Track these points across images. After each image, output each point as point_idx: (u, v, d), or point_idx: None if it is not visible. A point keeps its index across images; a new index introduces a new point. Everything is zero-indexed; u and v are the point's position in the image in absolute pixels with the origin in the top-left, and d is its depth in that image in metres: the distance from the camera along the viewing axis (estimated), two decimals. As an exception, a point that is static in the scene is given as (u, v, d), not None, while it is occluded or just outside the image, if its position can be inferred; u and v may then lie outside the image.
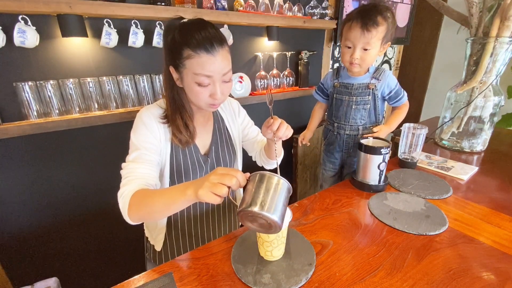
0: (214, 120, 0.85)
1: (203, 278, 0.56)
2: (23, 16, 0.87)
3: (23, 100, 0.94)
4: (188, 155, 0.77)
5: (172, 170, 0.76)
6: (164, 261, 0.86)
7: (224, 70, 0.67)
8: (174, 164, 0.75)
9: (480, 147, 1.19)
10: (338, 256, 0.61)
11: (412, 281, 0.54)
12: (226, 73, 0.68)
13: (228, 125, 0.87)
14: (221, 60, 0.65)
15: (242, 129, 0.92)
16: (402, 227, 0.69)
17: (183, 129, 0.73)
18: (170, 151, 0.75)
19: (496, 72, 1.07)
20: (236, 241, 0.65)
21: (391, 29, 0.94)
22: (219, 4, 1.21)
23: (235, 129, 0.89)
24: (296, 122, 1.84)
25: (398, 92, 1.04)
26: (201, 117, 0.81)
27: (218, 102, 0.70)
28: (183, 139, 0.73)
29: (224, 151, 0.84)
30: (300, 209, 0.79)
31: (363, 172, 0.88)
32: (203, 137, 0.82)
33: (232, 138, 0.87)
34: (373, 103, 1.05)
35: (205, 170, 0.80)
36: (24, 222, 1.06)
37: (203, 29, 0.63)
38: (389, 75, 1.04)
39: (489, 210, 0.77)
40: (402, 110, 1.07)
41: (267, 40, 1.49)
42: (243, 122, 0.92)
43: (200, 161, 0.79)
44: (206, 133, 0.82)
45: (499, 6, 0.99)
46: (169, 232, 0.84)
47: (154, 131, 0.71)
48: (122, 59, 1.11)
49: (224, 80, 0.68)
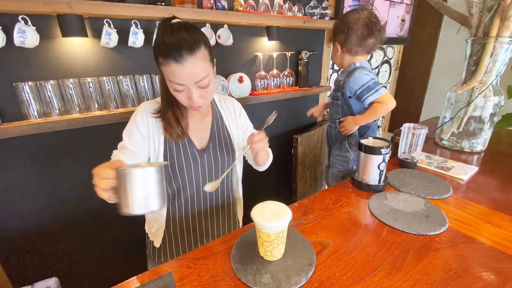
0: (213, 117, 0.85)
1: (203, 278, 0.56)
2: (23, 16, 0.87)
3: (23, 100, 0.94)
4: (182, 149, 0.79)
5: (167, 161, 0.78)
6: (163, 258, 0.86)
7: (195, 78, 0.65)
8: (168, 157, 0.78)
9: (480, 147, 1.19)
10: (338, 256, 0.61)
11: (412, 281, 0.54)
12: (199, 80, 0.65)
13: (228, 124, 0.87)
14: (191, 69, 0.63)
15: (243, 131, 0.92)
16: (402, 227, 0.69)
17: (174, 124, 0.75)
18: (164, 145, 0.77)
19: (496, 72, 1.07)
20: (236, 241, 0.65)
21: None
22: (219, 4, 1.21)
23: (235, 129, 0.89)
24: (296, 122, 1.84)
25: (363, 92, 1.03)
26: (197, 113, 0.82)
27: (197, 105, 0.70)
28: (174, 133, 0.75)
29: (222, 149, 0.85)
30: (300, 209, 0.79)
31: (363, 172, 0.88)
32: (199, 132, 0.82)
33: (231, 137, 0.88)
34: (343, 99, 1.13)
35: (201, 165, 0.82)
36: (24, 222, 1.06)
37: (174, 35, 0.62)
38: (355, 76, 1.05)
39: (489, 210, 0.77)
40: (372, 107, 1.05)
41: (267, 40, 1.49)
42: (243, 125, 0.93)
43: (195, 156, 0.80)
44: (203, 129, 0.83)
45: (499, 6, 0.99)
46: (168, 228, 0.85)
47: (142, 125, 0.76)
48: (122, 59, 1.11)
49: (200, 86, 0.67)
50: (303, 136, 1.67)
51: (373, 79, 1.03)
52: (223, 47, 1.33)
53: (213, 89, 0.72)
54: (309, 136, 1.73)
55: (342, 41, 1.08)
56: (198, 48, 0.63)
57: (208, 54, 0.67)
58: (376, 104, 1.03)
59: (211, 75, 0.69)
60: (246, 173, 1.66)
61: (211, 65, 0.69)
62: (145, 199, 0.50)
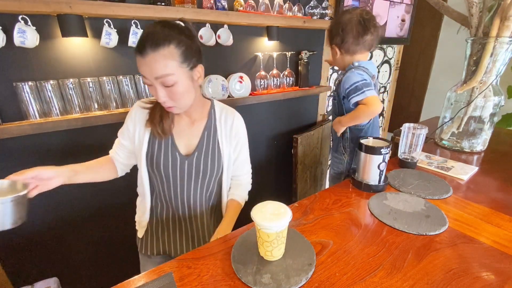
0: (206, 126, 0.83)
1: (203, 278, 0.56)
2: (23, 16, 0.87)
3: (23, 100, 0.94)
4: (163, 150, 0.79)
5: (147, 158, 0.80)
6: (143, 249, 0.89)
7: (155, 74, 0.63)
8: (149, 152, 0.80)
9: (480, 147, 1.19)
10: (338, 256, 0.61)
11: (412, 281, 0.54)
12: (160, 77, 0.64)
13: (221, 139, 0.83)
14: (151, 63, 0.62)
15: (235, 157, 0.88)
16: (402, 227, 0.69)
17: (156, 121, 0.77)
18: (148, 140, 0.80)
19: (496, 72, 1.07)
20: (236, 241, 0.65)
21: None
22: (219, 4, 1.21)
23: (227, 146, 0.84)
24: (296, 122, 1.84)
25: (351, 92, 1.01)
26: (186, 117, 0.82)
27: (166, 105, 0.70)
28: (154, 130, 0.77)
29: (207, 160, 0.81)
30: (300, 209, 0.79)
31: (363, 172, 0.88)
32: (187, 137, 0.81)
33: (221, 152, 0.83)
34: (338, 98, 1.12)
35: (181, 171, 0.80)
36: (24, 222, 1.06)
37: (148, 29, 0.64)
38: (347, 75, 1.03)
39: (489, 210, 0.77)
40: (356, 109, 1.02)
41: (267, 40, 1.49)
42: (236, 148, 0.87)
43: (176, 159, 0.79)
44: (191, 135, 0.81)
45: (499, 6, 0.99)
46: (151, 222, 0.88)
47: (131, 118, 0.80)
48: (122, 59, 1.11)
49: (164, 84, 0.65)
50: (303, 136, 1.67)
51: (364, 80, 0.99)
52: (223, 47, 1.33)
53: (184, 93, 0.69)
54: (309, 136, 1.73)
55: (339, 43, 1.07)
56: (164, 45, 0.62)
57: (178, 55, 0.64)
58: (360, 105, 0.99)
59: (179, 77, 0.66)
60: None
61: (182, 66, 0.66)
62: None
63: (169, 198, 0.84)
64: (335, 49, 1.10)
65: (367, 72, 1.03)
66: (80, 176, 0.75)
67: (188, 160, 0.80)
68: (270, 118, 1.68)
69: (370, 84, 0.99)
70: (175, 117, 0.81)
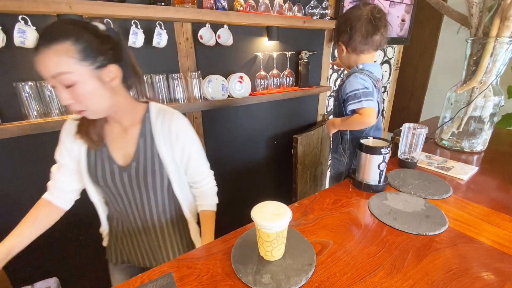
0: (140, 133, 0.74)
1: (203, 278, 0.56)
2: (23, 16, 0.87)
3: (23, 100, 0.94)
4: (101, 161, 0.74)
5: (89, 172, 0.75)
6: (109, 257, 0.90)
7: (48, 71, 0.58)
8: (89, 166, 0.75)
9: (480, 147, 1.19)
10: (338, 256, 0.61)
11: (412, 281, 0.54)
12: (55, 75, 0.58)
13: (159, 146, 0.74)
14: (43, 59, 0.58)
15: (186, 161, 0.80)
16: (402, 227, 0.69)
17: (83, 131, 0.72)
18: (86, 151, 0.75)
19: (496, 72, 1.07)
20: (236, 241, 0.65)
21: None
22: (219, 4, 1.21)
23: (169, 154, 0.75)
24: (296, 122, 1.84)
25: (349, 98, 0.98)
26: (116, 124, 0.75)
27: (74, 108, 0.64)
28: (84, 141, 0.73)
29: (148, 171, 0.74)
30: (300, 209, 0.79)
31: (363, 172, 0.88)
32: (122, 147, 0.75)
33: (161, 161, 0.75)
34: (338, 99, 1.10)
35: (125, 184, 0.75)
36: (24, 222, 1.06)
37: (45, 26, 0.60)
38: (350, 79, 1.00)
39: (489, 210, 0.77)
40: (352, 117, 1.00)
41: (267, 40, 1.49)
42: (185, 153, 0.78)
43: (113, 171, 0.74)
44: (126, 144, 0.75)
45: (499, 6, 0.99)
46: (110, 232, 0.87)
47: (68, 133, 0.75)
48: (122, 59, 1.11)
49: (62, 84, 0.60)
50: (303, 136, 1.67)
51: (365, 88, 0.95)
52: (223, 47, 1.33)
53: (91, 95, 0.63)
54: (309, 136, 1.73)
55: (346, 40, 1.02)
56: (58, 41, 0.57)
57: (76, 52, 0.58)
58: (356, 114, 0.98)
59: (80, 76, 0.60)
60: (246, 172, 1.65)
61: (83, 65, 0.60)
62: None
63: (121, 211, 0.80)
64: (342, 46, 1.06)
65: (371, 77, 1.00)
66: (19, 248, 0.71)
67: (127, 172, 0.74)
68: (270, 118, 1.68)
69: (370, 94, 0.96)
70: (106, 125, 0.74)
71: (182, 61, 1.25)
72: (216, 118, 1.45)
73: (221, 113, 1.46)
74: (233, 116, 1.51)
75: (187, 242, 0.89)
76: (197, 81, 1.26)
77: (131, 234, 0.84)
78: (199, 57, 1.29)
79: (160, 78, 1.17)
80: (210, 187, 0.88)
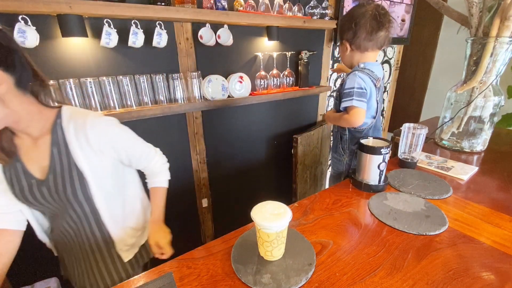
0: (52, 142, 0.66)
1: (203, 278, 0.56)
2: (23, 16, 0.87)
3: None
4: (17, 177, 0.67)
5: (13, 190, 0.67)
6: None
7: None
8: (7, 182, 0.68)
9: (480, 147, 1.19)
10: (338, 256, 0.61)
11: (412, 281, 0.54)
12: None
13: (76, 156, 0.66)
14: None
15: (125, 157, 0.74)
16: (402, 227, 0.69)
17: None
18: (3, 170, 0.67)
19: (496, 72, 1.08)
20: (236, 241, 0.65)
21: None
22: (219, 4, 1.21)
23: (88, 162, 0.68)
24: (296, 122, 1.84)
25: (344, 96, 0.99)
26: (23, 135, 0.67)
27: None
28: None
29: (65, 183, 0.67)
30: (300, 209, 0.79)
31: (363, 172, 0.88)
32: (37, 159, 0.67)
33: (81, 171, 0.67)
34: (340, 97, 1.08)
35: (46, 199, 0.68)
36: (24, 222, 1.06)
37: None
38: (349, 77, 1.00)
39: (489, 210, 0.77)
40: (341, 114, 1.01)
41: (267, 40, 1.49)
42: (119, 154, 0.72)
43: (32, 186, 0.67)
44: (39, 155, 0.67)
45: (499, 6, 0.99)
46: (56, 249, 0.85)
47: None
48: (122, 59, 1.11)
49: None
50: (303, 136, 1.67)
51: (360, 88, 0.95)
52: (223, 47, 1.33)
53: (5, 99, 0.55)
54: (309, 136, 1.73)
55: (350, 38, 1.01)
56: None
57: None
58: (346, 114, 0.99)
59: None
60: (246, 172, 1.65)
61: None
62: None
63: (57, 226, 0.75)
64: (346, 45, 1.05)
65: (371, 76, 1.00)
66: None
67: (45, 185, 0.66)
68: (270, 118, 1.68)
69: (364, 95, 0.96)
70: (15, 138, 0.67)
71: (182, 61, 1.25)
72: (216, 118, 1.45)
73: (221, 113, 1.46)
74: (233, 116, 1.51)
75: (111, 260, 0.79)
76: (197, 81, 1.26)
77: (67, 251, 0.79)
78: (199, 57, 1.29)
79: (160, 78, 1.18)
80: (160, 165, 0.85)
